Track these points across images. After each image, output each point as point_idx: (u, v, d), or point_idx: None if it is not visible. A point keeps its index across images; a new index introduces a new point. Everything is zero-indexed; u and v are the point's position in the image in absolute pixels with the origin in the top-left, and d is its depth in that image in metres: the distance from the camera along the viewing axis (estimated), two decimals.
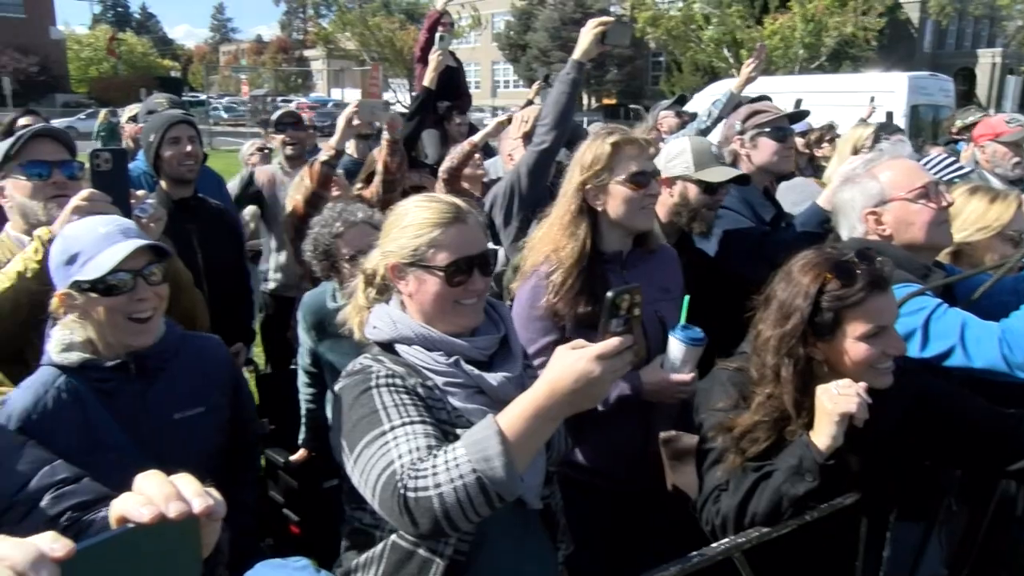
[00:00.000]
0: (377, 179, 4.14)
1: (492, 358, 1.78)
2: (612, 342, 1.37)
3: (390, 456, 1.48)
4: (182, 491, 0.84)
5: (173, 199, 3.44)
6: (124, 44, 60.64)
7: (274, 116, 5.13)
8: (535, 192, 3.14)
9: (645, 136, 2.53)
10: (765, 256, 2.98)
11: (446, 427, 1.61)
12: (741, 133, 3.39)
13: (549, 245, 2.43)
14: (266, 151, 5.82)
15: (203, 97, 43.03)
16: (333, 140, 3.48)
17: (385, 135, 3.87)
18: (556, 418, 1.42)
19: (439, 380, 1.68)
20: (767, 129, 3.33)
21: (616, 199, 2.39)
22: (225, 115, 40.95)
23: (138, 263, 1.84)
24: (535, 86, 6.85)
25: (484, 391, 1.70)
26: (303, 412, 3.20)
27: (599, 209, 2.42)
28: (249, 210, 5.04)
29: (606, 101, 43.08)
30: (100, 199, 2.13)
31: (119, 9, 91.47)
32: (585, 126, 6.62)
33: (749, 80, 4.34)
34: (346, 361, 1.80)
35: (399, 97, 32.57)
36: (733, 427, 1.86)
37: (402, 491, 1.43)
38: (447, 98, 6.10)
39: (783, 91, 9.09)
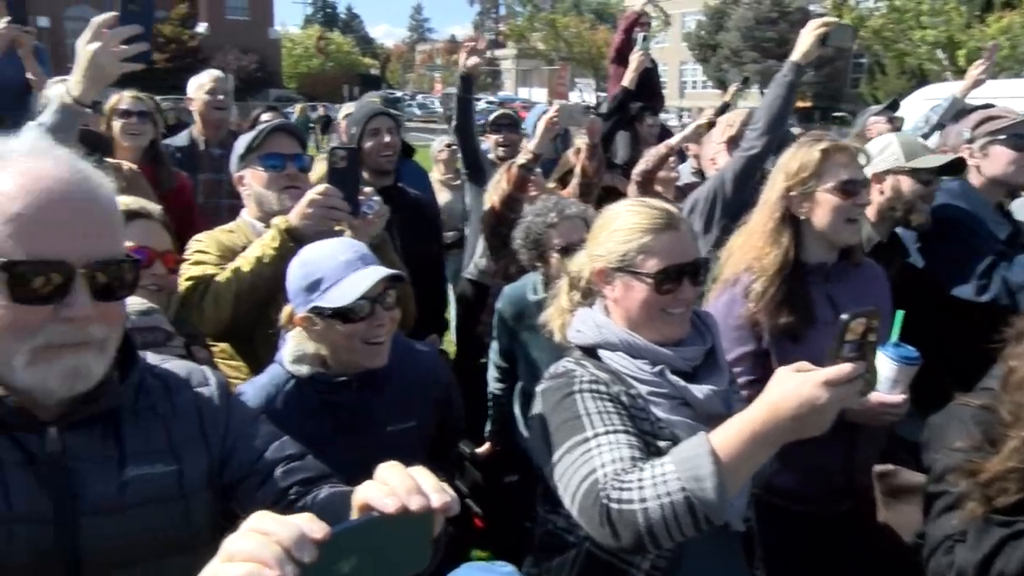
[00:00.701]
0: (574, 182, 4.14)
1: (697, 370, 1.72)
2: (843, 368, 1.28)
3: (592, 464, 1.47)
4: (422, 485, 0.87)
5: (376, 188, 3.61)
6: (331, 43, 64.95)
7: (491, 117, 5.23)
8: (739, 199, 3.03)
9: (856, 143, 2.39)
10: (999, 281, 2.73)
11: (648, 438, 1.58)
12: (970, 141, 3.09)
13: (750, 253, 2.34)
14: (454, 147, 5.97)
15: (398, 94, 45.28)
16: (532, 144, 3.51)
17: (584, 139, 3.86)
18: (774, 444, 1.35)
19: (643, 389, 1.64)
20: (1002, 136, 3.01)
21: (823, 208, 2.28)
22: (418, 112, 42.84)
23: (376, 290, 1.84)
24: (731, 88, 6.62)
25: (689, 403, 1.64)
26: (491, 406, 3.25)
27: (803, 218, 2.31)
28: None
29: (801, 104, 41.09)
30: (334, 194, 2.25)
31: (328, 10, 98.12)
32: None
33: (976, 83, 3.96)
34: (543, 356, 1.80)
35: (584, 97, 32.69)
36: (978, 472, 1.66)
37: (605, 501, 1.40)
38: (640, 99, 6.03)
39: (1010, 96, 8.25)
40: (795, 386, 1.30)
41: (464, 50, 4.30)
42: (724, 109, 5.74)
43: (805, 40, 2.90)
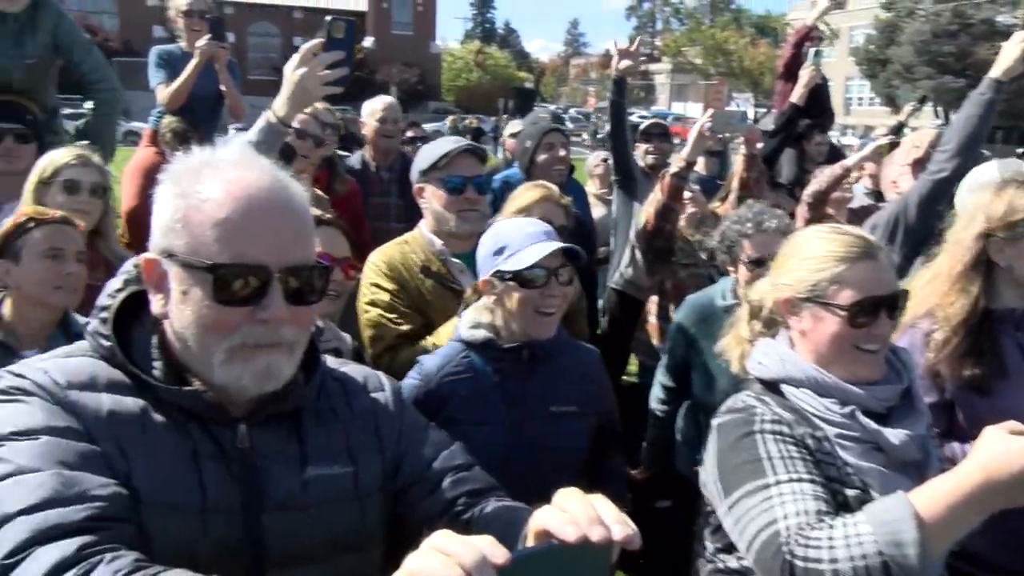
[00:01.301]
0: (732, 196, 4.01)
1: (892, 411, 1.59)
2: None
3: (774, 514, 1.39)
4: (603, 515, 0.84)
5: None
6: (489, 57, 66.56)
7: (642, 126, 5.19)
8: (924, 225, 2.82)
9: None
10: None
11: (835, 485, 1.48)
12: None
13: (933, 298, 2.16)
14: (609, 162, 5.93)
15: (552, 108, 45.74)
16: (684, 152, 3.42)
17: (742, 149, 3.74)
18: (986, 510, 1.25)
19: (830, 431, 1.54)
20: None
21: None
22: (571, 125, 43.07)
23: (553, 263, 2.01)
24: (907, 108, 6.22)
25: (882, 448, 1.52)
26: (650, 428, 3.15)
27: (1001, 264, 2.11)
28: None
29: None
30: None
31: (486, 25, 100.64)
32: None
33: None
34: (721, 369, 1.73)
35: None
36: None
37: (788, 556, 1.33)
38: (809, 116, 5.77)
39: None
40: (1016, 450, 1.20)
41: (617, 53, 4.26)
42: (899, 129, 5.41)
43: (1008, 55, 2.69)
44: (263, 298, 1.16)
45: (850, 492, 1.46)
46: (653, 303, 3.75)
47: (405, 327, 2.51)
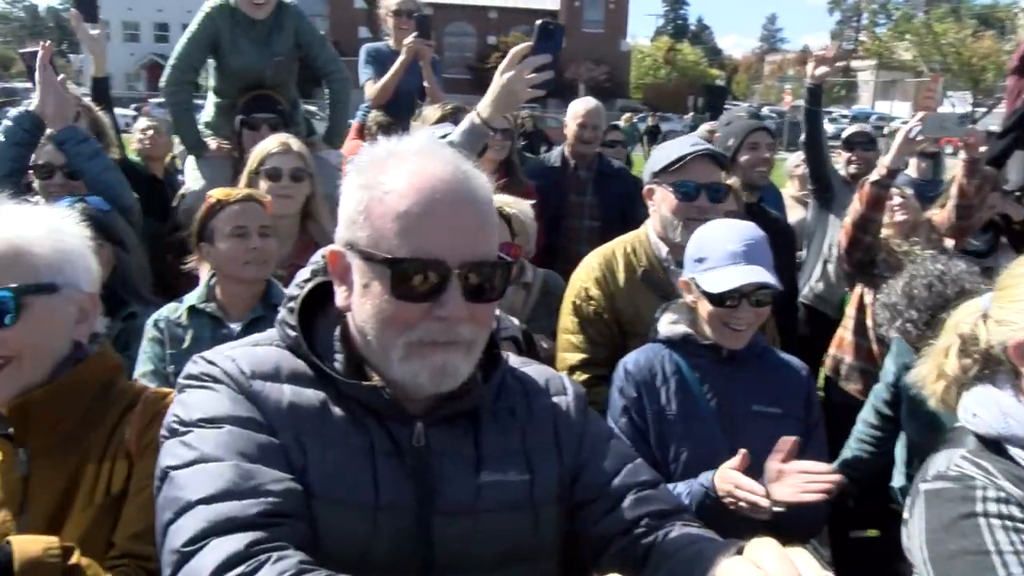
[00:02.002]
0: (950, 204, 3.69)
1: None
2: None
3: None
4: (802, 572, 0.77)
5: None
6: (679, 53, 65.36)
7: (844, 133, 4.92)
8: None
9: None
10: None
11: None
12: None
13: None
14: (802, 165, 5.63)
15: (744, 106, 44.19)
16: (887, 158, 3.18)
17: (962, 154, 3.43)
18: None
19: None
20: None
21: None
22: None
23: (747, 288, 1.98)
24: None
25: None
26: (851, 450, 2.86)
27: None
28: None
29: None
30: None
31: (678, 21, 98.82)
32: None
33: None
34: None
35: (957, 111, 29.30)
36: None
37: None
38: None
39: None
40: None
41: (812, 60, 4.08)
42: None
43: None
44: (441, 294, 1.12)
45: None
46: (850, 318, 3.52)
47: (586, 375, 2.46)
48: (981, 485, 1.33)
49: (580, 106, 4.68)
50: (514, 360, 1.39)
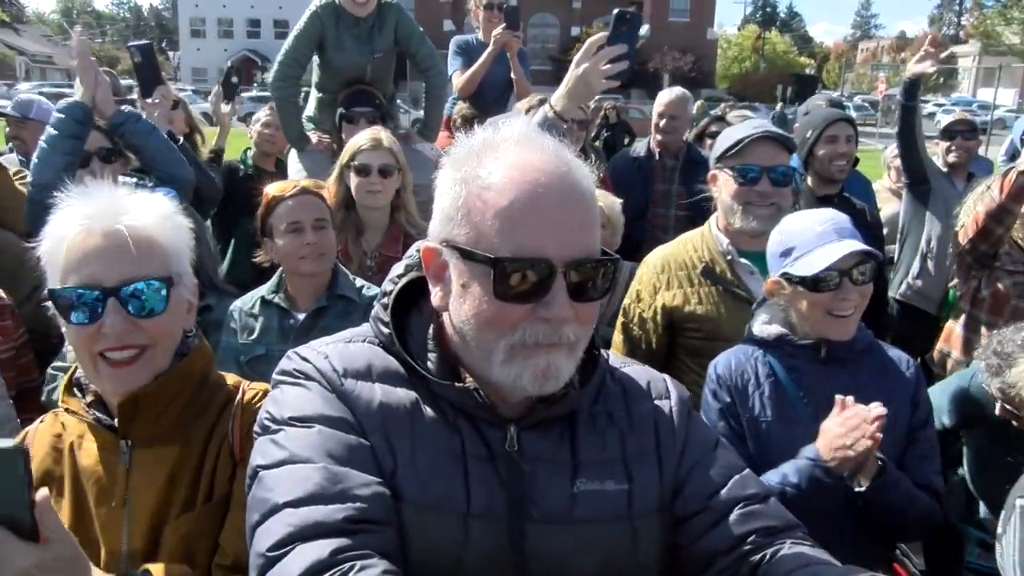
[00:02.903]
0: None
1: None
2: None
3: None
4: None
5: (816, 196, 3.45)
6: (768, 42, 63.62)
7: (944, 122, 4.73)
8: None
9: None
10: None
11: None
12: None
13: None
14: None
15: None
16: None
17: None
18: None
19: None
20: None
21: None
22: (855, 114, 40.00)
23: (847, 263, 1.88)
24: None
25: None
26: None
27: None
28: None
29: None
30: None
31: (767, 9, 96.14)
32: None
33: None
34: None
35: None
36: None
37: None
38: None
39: None
40: None
41: (912, 51, 3.90)
42: None
43: None
44: (545, 294, 1.07)
45: None
46: (962, 312, 3.37)
47: None
48: None
49: (664, 96, 4.73)
50: (615, 360, 1.33)
